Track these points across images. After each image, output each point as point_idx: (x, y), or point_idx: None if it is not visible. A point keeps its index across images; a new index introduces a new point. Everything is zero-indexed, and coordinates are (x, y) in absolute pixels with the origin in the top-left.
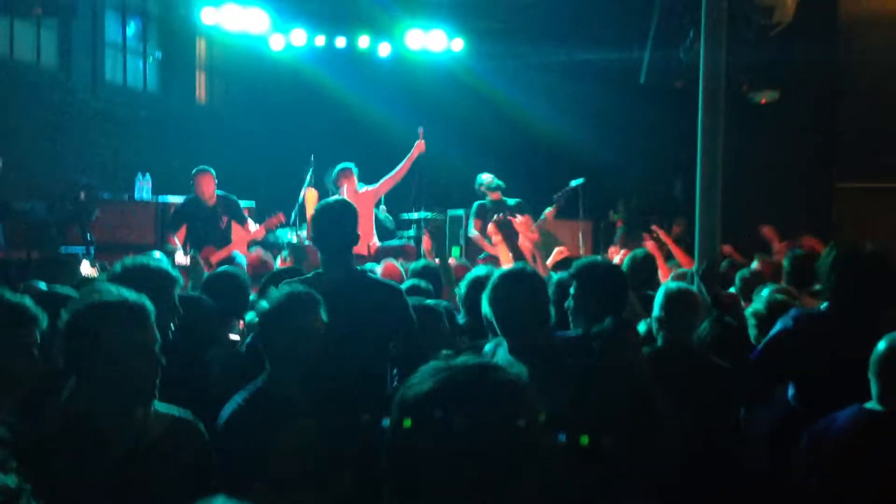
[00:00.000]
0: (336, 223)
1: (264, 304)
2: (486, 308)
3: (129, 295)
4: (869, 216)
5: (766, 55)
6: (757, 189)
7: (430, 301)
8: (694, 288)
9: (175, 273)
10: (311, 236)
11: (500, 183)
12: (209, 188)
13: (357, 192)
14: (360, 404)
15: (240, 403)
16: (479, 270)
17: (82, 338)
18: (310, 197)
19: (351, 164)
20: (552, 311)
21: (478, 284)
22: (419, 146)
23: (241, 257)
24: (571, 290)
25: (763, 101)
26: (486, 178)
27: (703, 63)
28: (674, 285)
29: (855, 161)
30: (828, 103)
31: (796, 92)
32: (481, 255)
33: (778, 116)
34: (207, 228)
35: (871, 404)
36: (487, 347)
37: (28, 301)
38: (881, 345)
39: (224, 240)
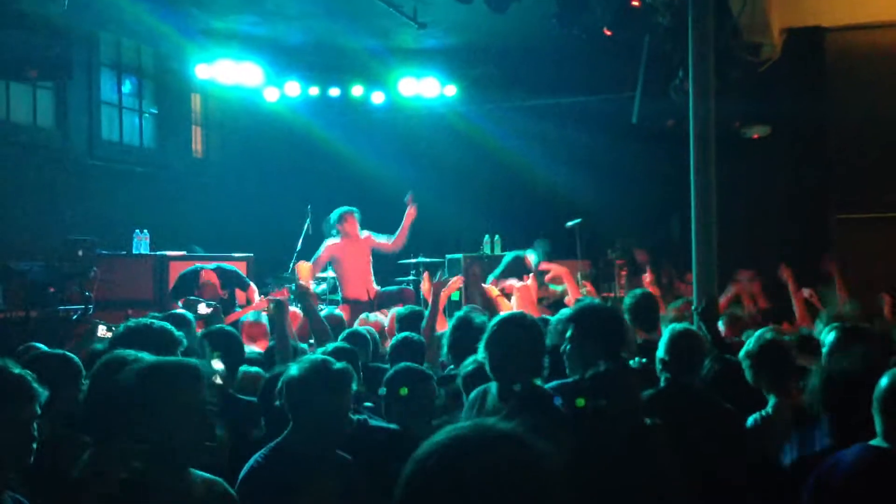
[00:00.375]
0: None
1: (293, 370)
2: (481, 352)
3: (190, 362)
4: (866, 247)
5: (756, 91)
6: (754, 224)
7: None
8: (695, 328)
9: (179, 334)
10: None
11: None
12: (212, 283)
13: (360, 235)
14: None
15: (259, 461)
16: (467, 313)
17: (145, 402)
18: (302, 270)
19: (353, 209)
20: (546, 360)
21: (463, 326)
22: (411, 213)
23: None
24: (568, 335)
25: (755, 136)
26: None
27: (692, 102)
28: (679, 327)
29: (849, 192)
30: (819, 136)
31: (788, 126)
32: None
33: (771, 151)
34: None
35: (877, 441)
36: (473, 394)
37: (30, 376)
38: (884, 380)
39: (229, 307)
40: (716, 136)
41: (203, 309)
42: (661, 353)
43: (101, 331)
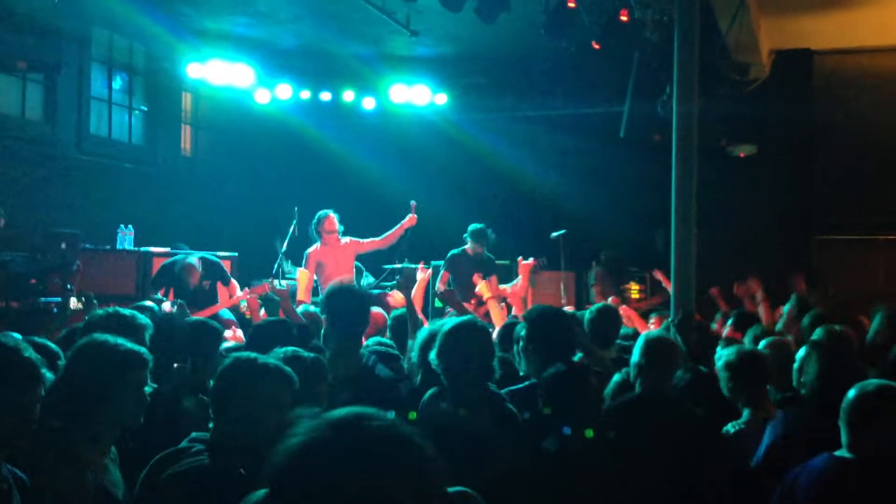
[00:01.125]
0: None
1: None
2: (433, 357)
3: (277, 362)
4: (845, 268)
5: (743, 110)
6: (736, 241)
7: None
8: (672, 336)
9: (144, 319)
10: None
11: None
12: (194, 279)
13: (340, 240)
14: None
15: None
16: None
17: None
18: (301, 278)
19: (331, 210)
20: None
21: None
22: (411, 219)
23: (228, 312)
24: (522, 334)
25: (742, 154)
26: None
27: (676, 117)
28: (654, 333)
29: (830, 214)
30: (804, 157)
31: (773, 146)
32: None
33: (756, 170)
34: (191, 291)
35: (842, 452)
36: (426, 396)
37: (39, 360)
38: (851, 392)
39: (209, 300)
40: (702, 153)
41: (167, 307)
42: (635, 357)
43: (73, 303)
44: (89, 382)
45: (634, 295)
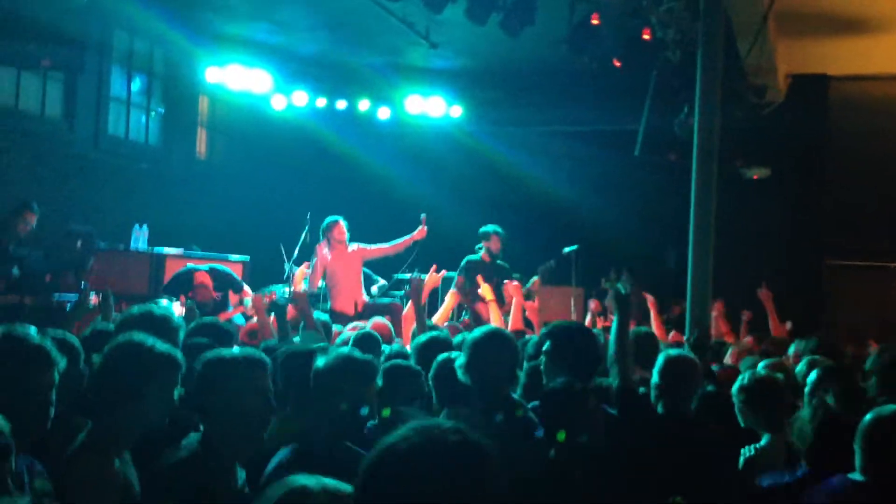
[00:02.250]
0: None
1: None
2: (461, 364)
3: (251, 352)
4: (857, 294)
5: (758, 133)
6: (747, 263)
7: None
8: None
9: (178, 320)
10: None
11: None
12: (205, 292)
13: (347, 247)
14: None
15: None
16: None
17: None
18: (298, 276)
19: (340, 217)
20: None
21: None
22: (421, 231)
23: (240, 318)
24: (544, 348)
25: (755, 176)
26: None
27: (697, 136)
28: (674, 352)
29: (841, 239)
30: (817, 181)
31: (787, 169)
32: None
33: (769, 192)
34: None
35: (855, 474)
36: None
37: (48, 344)
38: (867, 417)
39: (219, 308)
40: (717, 173)
41: (177, 309)
42: (655, 378)
43: (93, 298)
44: (122, 380)
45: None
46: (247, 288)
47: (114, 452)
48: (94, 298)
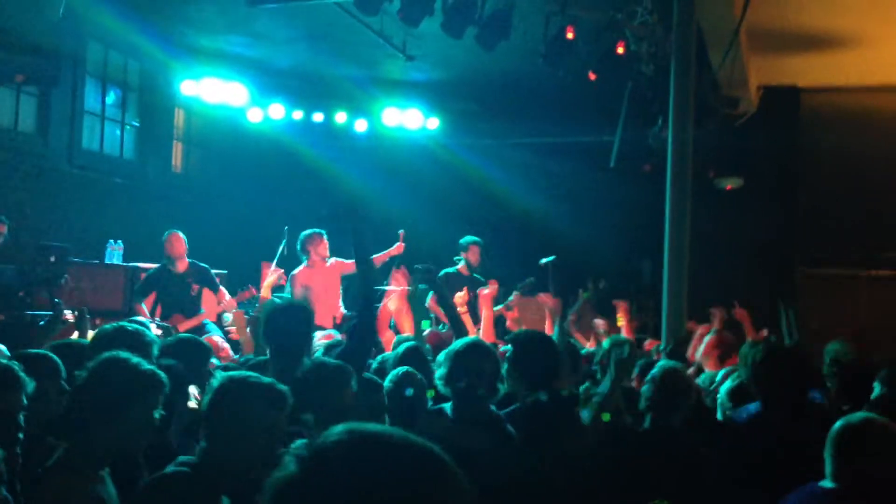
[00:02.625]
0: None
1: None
2: (442, 376)
3: (269, 380)
4: (829, 301)
5: (731, 143)
6: (722, 273)
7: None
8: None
9: (153, 337)
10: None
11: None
12: (180, 248)
13: (326, 261)
14: None
15: None
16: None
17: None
18: (271, 280)
19: (321, 231)
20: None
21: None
22: (399, 247)
23: (213, 326)
24: (507, 355)
25: (728, 187)
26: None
27: (671, 147)
28: (666, 365)
29: (815, 248)
30: (789, 192)
31: (759, 180)
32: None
33: (742, 203)
34: (177, 296)
35: (825, 482)
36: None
37: (16, 366)
38: (837, 424)
39: (194, 308)
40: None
41: (153, 330)
42: (646, 391)
43: (68, 315)
44: (105, 399)
45: (620, 323)
46: (223, 291)
47: (89, 473)
48: (68, 315)
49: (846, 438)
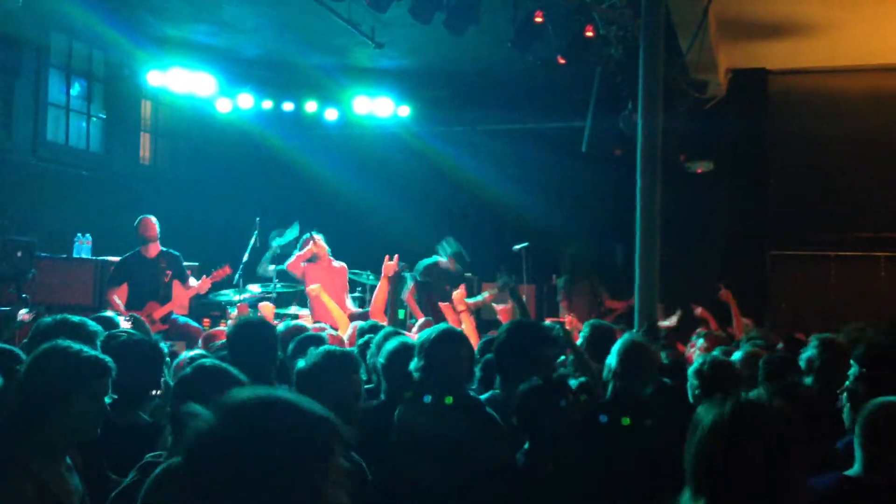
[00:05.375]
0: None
1: (301, 363)
2: (418, 364)
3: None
4: (799, 282)
5: (701, 127)
6: (693, 255)
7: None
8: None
9: (96, 327)
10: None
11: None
12: (153, 230)
13: (332, 262)
14: None
15: None
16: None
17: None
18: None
19: (321, 234)
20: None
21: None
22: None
23: (180, 318)
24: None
25: (699, 170)
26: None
27: (641, 132)
28: (629, 338)
29: (784, 229)
30: (759, 174)
31: (729, 162)
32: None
33: (713, 185)
34: (151, 284)
35: (851, 471)
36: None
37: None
38: (866, 411)
39: (167, 296)
40: (661, 168)
41: (123, 324)
42: (611, 361)
43: (21, 314)
44: (49, 389)
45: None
46: (192, 280)
47: (45, 464)
48: (24, 315)
49: (878, 424)
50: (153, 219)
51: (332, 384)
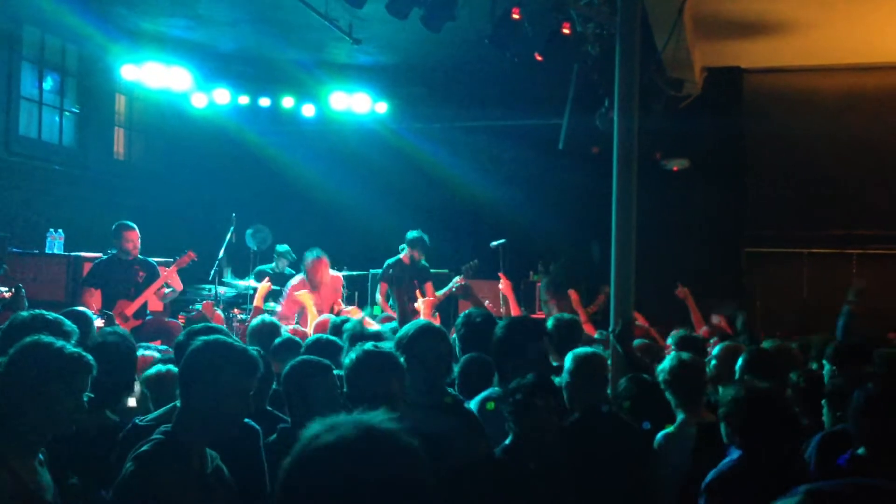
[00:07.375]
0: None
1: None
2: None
3: (245, 346)
4: (773, 280)
5: (677, 125)
6: (670, 253)
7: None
8: (601, 350)
9: (72, 327)
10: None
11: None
12: (132, 244)
13: (331, 272)
14: None
15: None
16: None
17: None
18: (261, 291)
19: (323, 253)
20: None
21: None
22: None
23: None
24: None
25: (675, 168)
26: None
27: (617, 130)
28: (580, 351)
29: (759, 227)
30: (735, 171)
31: (705, 160)
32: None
33: (688, 183)
34: (124, 284)
35: (857, 450)
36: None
37: None
38: (867, 387)
39: (139, 289)
40: (637, 166)
41: (98, 322)
42: (565, 376)
43: (1, 291)
44: (30, 383)
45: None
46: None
47: (19, 461)
48: (3, 292)
49: (876, 401)
50: (135, 231)
51: (372, 384)
